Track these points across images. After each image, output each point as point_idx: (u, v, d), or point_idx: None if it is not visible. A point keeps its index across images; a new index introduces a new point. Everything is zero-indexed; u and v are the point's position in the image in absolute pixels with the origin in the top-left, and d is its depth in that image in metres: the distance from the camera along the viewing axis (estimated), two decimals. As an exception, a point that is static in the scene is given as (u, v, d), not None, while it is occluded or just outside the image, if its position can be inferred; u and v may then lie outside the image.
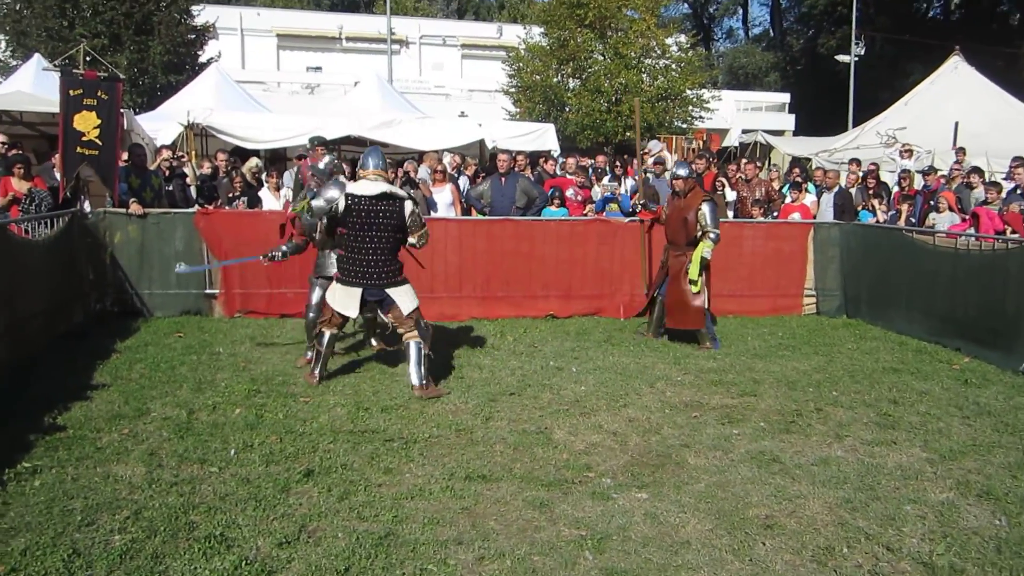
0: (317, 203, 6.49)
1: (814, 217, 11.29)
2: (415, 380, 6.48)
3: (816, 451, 5.42)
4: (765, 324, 9.62)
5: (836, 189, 11.66)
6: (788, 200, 11.92)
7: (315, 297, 7.39)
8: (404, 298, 6.61)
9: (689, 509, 4.47)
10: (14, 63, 22.05)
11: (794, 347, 8.54)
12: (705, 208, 8.24)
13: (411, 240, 6.61)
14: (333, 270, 6.91)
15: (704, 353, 8.17)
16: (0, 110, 12.34)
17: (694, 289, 8.26)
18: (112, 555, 3.80)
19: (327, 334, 6.73)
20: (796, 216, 11.24)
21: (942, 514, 4.44)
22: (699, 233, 8.27)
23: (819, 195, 12.04)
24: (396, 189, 6.65)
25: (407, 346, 6.59)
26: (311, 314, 7.36)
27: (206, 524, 4.14)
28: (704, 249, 8.23)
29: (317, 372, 6.74)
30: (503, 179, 10.40)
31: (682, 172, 8.56)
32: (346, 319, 6.79)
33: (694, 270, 8.23)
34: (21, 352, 6.87)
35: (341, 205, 6.36)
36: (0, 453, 4.89)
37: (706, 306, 8.36)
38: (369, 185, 6.42)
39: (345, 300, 6.54)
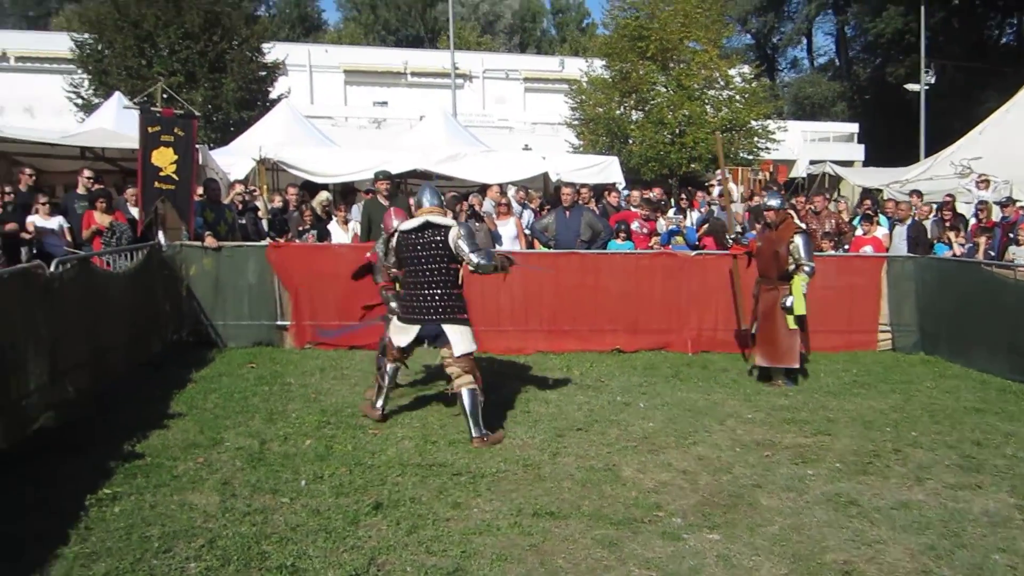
0: (377, 247, 6.54)
1: (887, 250, 11.01)
2: (473, 432, 6.13)
3: (895, 494, 5.24)
4: (838, 360, 9.38)
5: (909, 221, 11.37)
6: (859, 233, 11.67)
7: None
8: (458, 337, 6.35)
9: (763, 552, 4.36)
10: (96, 101, 22.95)
11: (870, 385, 8.31)
12: (799, 240, 8.00)
13: (470, 267, 6.36)
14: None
15: (775, 390, 7.99)
16: (84, 146, 12.83)
17: (790, 325, 8.02)
18: (188, 584, 3.86)
19: (389, 367, 6.65)
20: (868, 249, 10.99)
21: (1034, 564, 4.25)
22: (792, 266, 8.05)
23: (891, 227, 11.76)
24: (439, 218, 6.41)
25: (459, 394, 6.28)
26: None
27: (278, 554, 4.18)
28: (800, 283, 8.00)
29: (380, 405, 6.64)
30: (568, 212, 10.42)
31: (773, 203, 8.35)
32: (407, 353, 6.67)
33: (799, 306, 7.97)
34: (103, 381, 7.09)
35: (392, 243, 6.41)
36: (83, 479, 5.05)
37: (799, 343, 8.12)
38: (412, 220, 6.40)
39: (400, 334, 6.48)
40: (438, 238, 6.29)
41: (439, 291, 6.34)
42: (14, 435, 5.48)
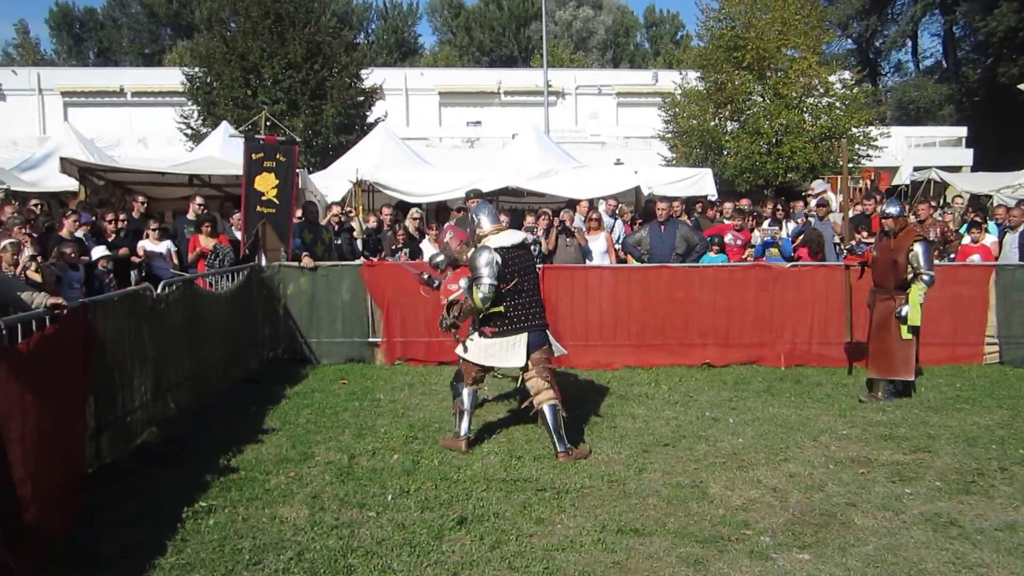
0: (489, 283, 6.16)
1: (996, 259, 10.49)
2: (558, 447, 6.13)
3: (1000, 515, 4.98)
4: (941, 374, 8.96)
5: (1021, 228, 10.81)
6: (967, 241, 11.16)
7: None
8: (555, 343, 6.62)
9: (856, 573, 4.22)
10: (205, 131, 24.04)
11: (974, 400, 7.91)
12: (918, 248, 7.71)
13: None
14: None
15: (873, 405, 7.70)
16: (192, 173, 13.46)
17: (903, 336, 7.73)
18: (277, 594, 3.99)
19: (467, 392, 6.50)
20: (976, 258, 10.49)
21: None
22: (910, 275, 7.76)
23: (1001, 235, 11.20)
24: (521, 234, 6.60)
25: (541, 411, 6.24)
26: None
27: (364, 568, 4.28)
28: (917, 292, 7.69)
29: (464, 432, 6.42)
30: (663, 227, 10.36)
31: (892, 210, 8.02)
32: (484, 376, 6.64)
33: (915, 316, 7.66)
34: (203, 397, 7.41)
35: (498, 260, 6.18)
36: (181, 492, 5.29)
37: (915, 356, 7.83)
38: (506, 236, 6.38)
39: (508, 351, 6.31)
40: (529, 253, 6.47)
41: (539, 299, 6.51)
42: (119, 449, 5.80)
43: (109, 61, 56.48)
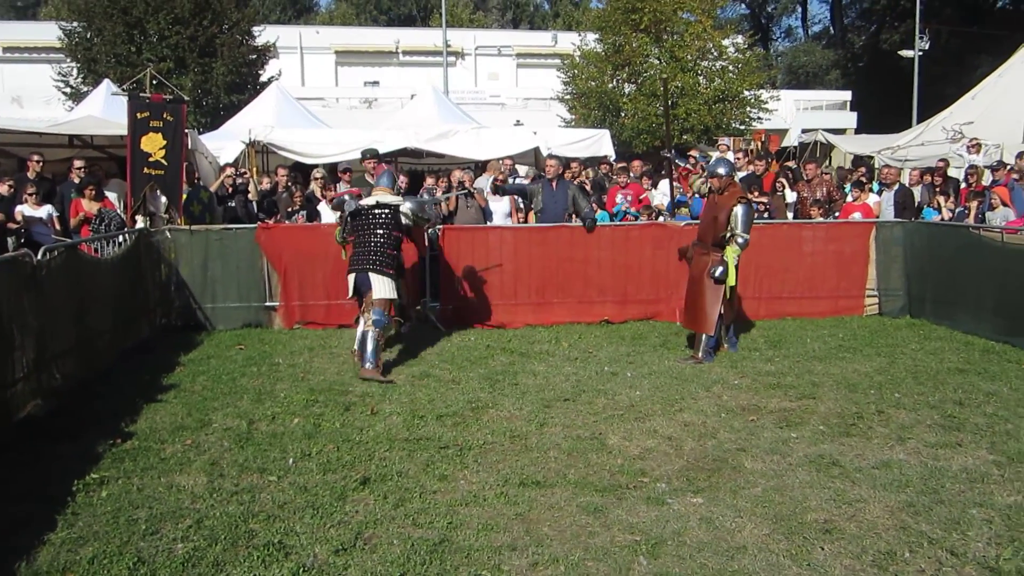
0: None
1: (877, 217, 11.02)
2: (369, 361, 7.34)
3: (877, 454, 5.29)
4: (825, 326, 9.41)
5: (896, 187, 11.37)
6: (850, 199, 11.68)
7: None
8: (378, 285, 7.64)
9: (745, 514, 4.41)
10: (85, 89, 22.87)
11: (855, 349, 8.34)
12: (739, 210, 7.80)
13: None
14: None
15: (762, 356, 8.03)
16: (72, 134, 12.80)
17: (708, 294, 7.84)
18: (175, 563, 3.90)
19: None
20: (857, 216, 11.00)
21: (1009, 517, 4.30)
22: (728, 235, 7.86)
23: (881, 193, 11.76)
24: (389, 198, 7.87)
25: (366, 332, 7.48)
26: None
27: (265, 532, 4.23)
28: (732, 253, 7.82)
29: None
30: (554, 183, 10.34)
31: (721, 170, 8.12)
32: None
33: (731, 276, 7.82)
34: (91, 367, 7.12)
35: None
36: (70, 464, 5.08)
37: (719, 314, 7.90)
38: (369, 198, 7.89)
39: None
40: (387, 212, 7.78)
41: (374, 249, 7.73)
42: (1, 423, 5.52)
43: (-23, 14, 52.82)
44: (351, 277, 7.72)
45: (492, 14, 60.21)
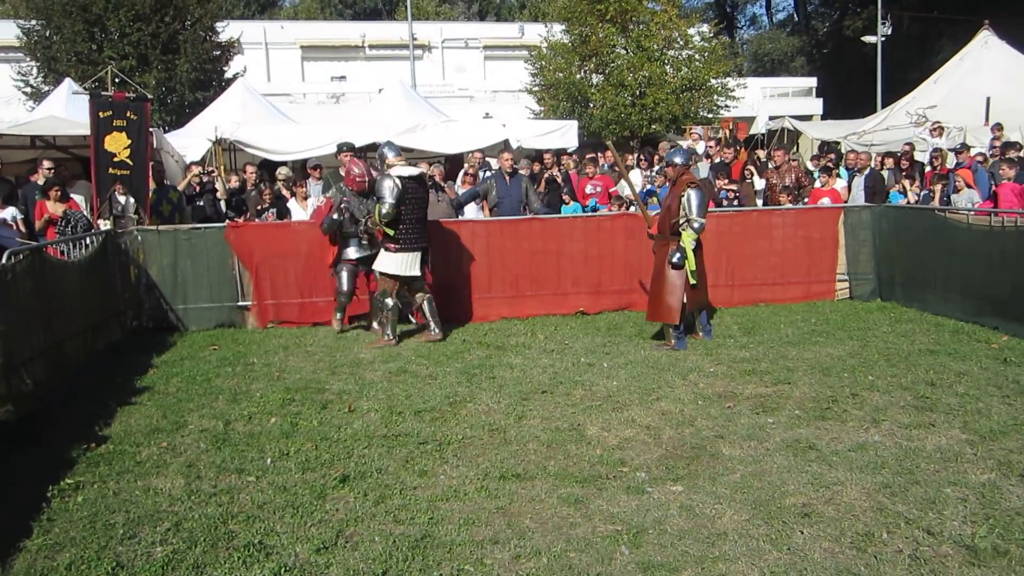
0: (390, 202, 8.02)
1: (845, 201, 11.14)
2: (436, 330, 8.44)
3: (853, 437, 5.35)
4: (798, 311, 9.51)
5: (867, 171, 11.49)
6: (818, 185, 11.79)
7: (347, 281, 8.86)
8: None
9: (725, 500, 4.44)
10: (46, 88, 22.48)
11: (828, 333, 8.43)
12: (691, 193, 7.75)
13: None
14: (354, 254, 8.79)
15: (736, 343, 8.09)
16: (34, 135, 12.58)
17: (670, 280, 7.82)
18: (154, 567, 3.86)
19: (391, 302, 8.36)
20: (826, 201, 11.11)
21: (983, 496, 4.36)
22: (682, 220, 7.81)
23: (850, 178, 11.88)
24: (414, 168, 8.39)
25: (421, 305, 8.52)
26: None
27: (245, 533, 4.19)
28: (688, 238, 7.79)
29: (390, 333, 8.36)
30: (508, 177, 10.41)
31: (677, 160, 8.15)
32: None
33: (689, 260, 7.80)
34: (61, 371, 7.01)
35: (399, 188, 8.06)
36: (44, 470, 5.01)
37: (681, 303, 7.87)
38: (406, 168, 8.31)
39: (410, 262, 8.31)
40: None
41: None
42: (-31, 430, 5.43)
43: (-69, 14, 51.61)
44: (416, 256, 8.33)
45: (458, 6, 59.91)
